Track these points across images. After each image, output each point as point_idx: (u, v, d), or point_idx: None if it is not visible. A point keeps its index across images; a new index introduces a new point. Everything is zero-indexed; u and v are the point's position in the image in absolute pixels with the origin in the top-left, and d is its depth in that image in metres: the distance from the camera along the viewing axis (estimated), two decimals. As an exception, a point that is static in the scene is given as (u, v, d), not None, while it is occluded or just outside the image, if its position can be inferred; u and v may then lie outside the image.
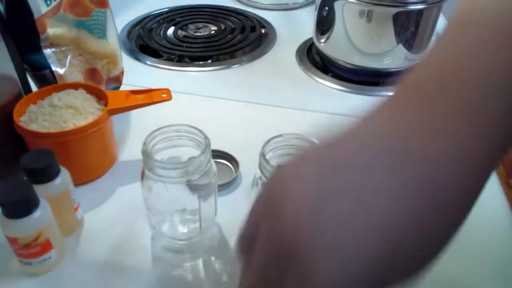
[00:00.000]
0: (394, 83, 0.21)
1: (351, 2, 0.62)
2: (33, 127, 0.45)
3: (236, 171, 0.50)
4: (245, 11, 0.91)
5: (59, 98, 0.47)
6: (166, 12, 0.89)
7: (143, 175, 0.39)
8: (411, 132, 0.19)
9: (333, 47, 0.69)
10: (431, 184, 0.18)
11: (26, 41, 0.49)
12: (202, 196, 0.39)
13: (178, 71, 0.72)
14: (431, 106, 0.19)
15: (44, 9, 0.48)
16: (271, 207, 0.21)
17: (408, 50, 0.65)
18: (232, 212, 0.46)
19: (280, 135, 0.38)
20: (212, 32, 0.83)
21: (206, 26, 0.85)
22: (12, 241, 0.37)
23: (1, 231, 0.37)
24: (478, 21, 0.19)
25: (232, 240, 0.43)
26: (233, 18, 0.88)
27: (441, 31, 0.22)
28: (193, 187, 0.39)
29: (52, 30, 0.50)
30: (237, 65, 0.73)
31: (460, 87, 0.19)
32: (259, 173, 0.38)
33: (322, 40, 0.71)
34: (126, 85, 0.63)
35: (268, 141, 0.38)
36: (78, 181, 0.48)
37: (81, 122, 0.46)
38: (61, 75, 0.51)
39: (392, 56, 0.65)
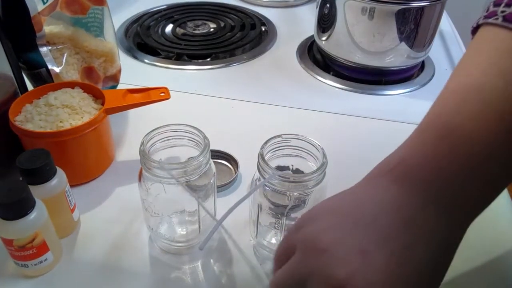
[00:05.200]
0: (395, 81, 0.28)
1: (353, -1, 0.61)
2: (29, 126, 0.44)
3: (235, 172, 0.50)
4: (245, 8, 0.90)
5: (55, 97, 0.47)
6: (164, 10, 0.89)
7: (140, 175, 0.38)
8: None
9: (334, 45, 0.68)
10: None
11: (22, 39, 0.48)
12: (201, 197, 0.39)
13: (177, 69, 0.71)
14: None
15: (40, 6, 0.47)
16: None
17: (411, 48, 0.64)
18: (231, 213, 0.45)
19: (279, 136, 0.38)
20: (211, 29, 0.82)
21: (205, 24, 0.84)
22: (8, 242, 0.36)
23: (-4, 233, 0.37)
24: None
25: (232, 241, 0.43)
26: (232, 15, 0.87)
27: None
28: (192, 188, 0.38)
29: (49, 28, 0.49)
30: (236, 64, 0.73)
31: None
32: (257, 174, 0.37)
33: (323, 38, 0.70)
34: (124, 84, 0.62)
35: (266, 142, 0.37)
36: (75, 182, 0.48)
37: (77, 121, 0.45)
38: (57, 74, 0.50)
39: (394, 54, 0.64)
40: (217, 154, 0.52)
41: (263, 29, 0.84)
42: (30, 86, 0.52)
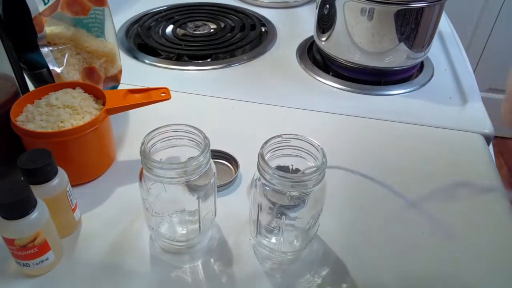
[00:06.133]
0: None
1: (353, 0, 0.62)
2: (30, 126, 0.44)
3: (235, 172, 0.50)
4: (245, 9, 0.91)
5: (57, 97, 0.47)
6: (165, 10, 0.89)
7: (141, 175, 0.39)
8: None
9: (334, 45, 0.69)
10: None
11: (23, 40, 0.48)
12: (202, 196, 0.39)
13: (177, 70, 0.71)
14: None
15: (41, 7, 0.47)
16: None
17: (410, 49, 0.64)
18: (231, 213, 0.46)
19: (279, 136, 0.38)
20: (212, 30, 0.83)
21: (205, 25, 0.84)
22: (9, 242, 0.37)
23: (-2, 233, 0.37)
24: None
25: (232, 241, 0.43)
26: (232, 16, 0.88)
27: None
28: (192, 188, 0.39)
29: (50, 28, 0.49)
30: (236, 64, 0.73)
31: None
32: (257, 174, 0.37)
33: (323, 39, 0.70)
34: (124, 84, 0.62)
35: (266, 142, 0.37)
36: (76, 182, 0.48)
37: (78, 121, 0.46)
38: (58, 74, 0.50)
39: (394, 54, 0.65)
40: (217, 154, 0.52)
41: (263, 29, 0.84)
42: (31, 87, 0.52)
